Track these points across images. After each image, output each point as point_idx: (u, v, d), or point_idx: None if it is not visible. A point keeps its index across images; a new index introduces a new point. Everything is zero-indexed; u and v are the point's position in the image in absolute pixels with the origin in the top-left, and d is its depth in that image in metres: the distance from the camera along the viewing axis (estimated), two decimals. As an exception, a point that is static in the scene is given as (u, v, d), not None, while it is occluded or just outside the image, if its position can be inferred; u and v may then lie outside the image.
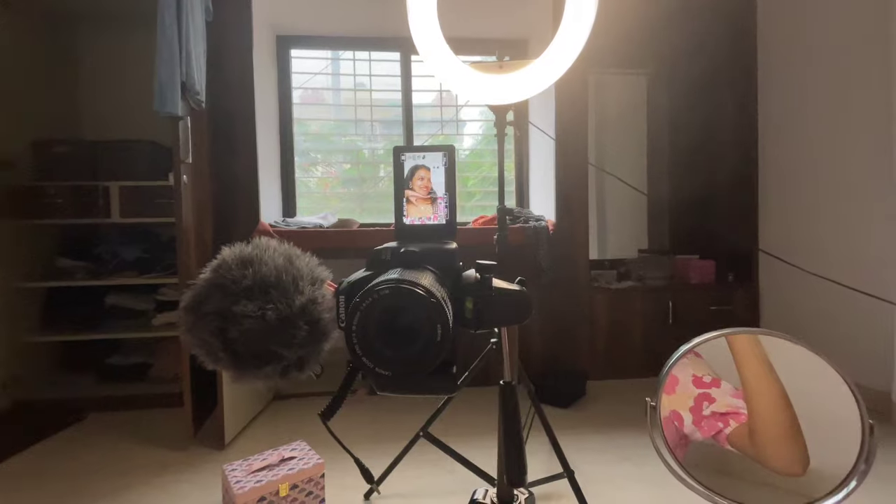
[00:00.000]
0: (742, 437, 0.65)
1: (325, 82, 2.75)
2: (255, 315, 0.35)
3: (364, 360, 0.30)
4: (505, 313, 0.38)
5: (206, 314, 0.36)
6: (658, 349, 2.38)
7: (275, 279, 0.37)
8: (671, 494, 1.37)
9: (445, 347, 0.30)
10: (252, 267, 0.37)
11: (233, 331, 0.35)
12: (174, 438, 1.77)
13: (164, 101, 1.58)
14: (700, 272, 2.48)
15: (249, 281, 0.36)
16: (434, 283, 0.35)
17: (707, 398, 0.67)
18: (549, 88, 2.52)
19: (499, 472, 0.47)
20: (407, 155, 0.41)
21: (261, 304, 0.35)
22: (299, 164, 2.69)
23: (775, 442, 0.63)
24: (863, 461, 0.50)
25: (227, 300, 0.36)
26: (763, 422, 0.64)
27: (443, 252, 0.39)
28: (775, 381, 0.63)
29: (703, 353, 0.70)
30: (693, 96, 2.71)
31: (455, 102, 2.79)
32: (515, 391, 0.40)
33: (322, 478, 1.31)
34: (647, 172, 2.82)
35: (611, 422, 1.90)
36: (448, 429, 1.73)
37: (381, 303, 0.30)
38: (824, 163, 2.13)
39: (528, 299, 0.38)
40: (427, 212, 0.41)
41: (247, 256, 0.38)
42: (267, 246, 0.40)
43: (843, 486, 0.52)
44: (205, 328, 0.36)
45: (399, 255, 0.37)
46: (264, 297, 0.36)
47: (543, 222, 2.34)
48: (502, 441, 0.40)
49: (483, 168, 2.85)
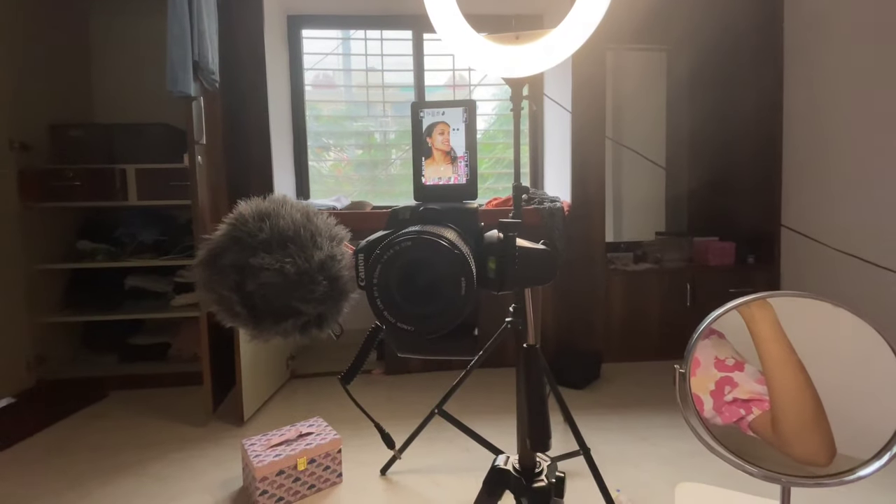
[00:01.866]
0: (765, 426, 0.62)
1: (336, 64, 2.72)
2: (273, 268, 0.34)
3: (386, 314, 0.29)
4: (529, 273, 0.36)
5: (223, 268, 0.35)
6: (675, 332, 2.35)
7: (293, 233, 0.36)
8: (688, 472, 1.37)
9: (469, 303, 0.28)
10: (269, 220, 0.36)
11: (250, 284, 0.34)
12: (194, 415, 1.81)
13: (176, 81, 1.58)
14: (720, 254, 2.42)
15: (266, 234, 0.36)
16: (457, 238, 0.34)
17: (729, 382, 0.65)
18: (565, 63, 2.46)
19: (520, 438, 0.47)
20: (425, 111, 0.39)
21: (279, 258, 0.34)
22: (311, 149, 2.68)
23: (798, 431, 0.61)
24: None
25: (244, 253, 0.35)
26: (785, 411, 0.61)
27: (464, 210, 0.37)
28: (798, 368, 0.60)
29: (727, 333, 0.68)
30: (715, 72, 2.61)
31: (468, 82, 2.74)
32: (539, 354, 0.38)
33: (339, 453, 1.33)
34: (665, 149, 2.74)
35: (626, 403, 1.89)
36: (463, 408, 1.73)
37: (404, 255, 0.28)
38: (851, 140, 2.04)
39: (552, 259, 0.36)
40: (447, 171, 0.39)
41: (264, 210, 0.37)
42: (284, 201, 0.39)
43: (883, 453, 0.50)
44: (222, 282, 0.35)
45: (419, 213, 0.36)
46: (283, 251, 0.35)
47: (559, 203, 2.29)
48: (525, 406, 0.39)
49: (497, 150, 2.81)
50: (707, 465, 1.38)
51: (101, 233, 2.33)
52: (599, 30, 1.03)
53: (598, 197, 2.33)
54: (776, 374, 0.63)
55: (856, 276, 1.95)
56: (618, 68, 2.68)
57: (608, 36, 2.30)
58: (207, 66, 1.64)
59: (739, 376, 0.65)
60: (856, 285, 1.97)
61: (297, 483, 1.24)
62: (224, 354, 1.79)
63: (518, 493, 0.46)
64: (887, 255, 1.85)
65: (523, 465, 0.45)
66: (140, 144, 2.21)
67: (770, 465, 0.58)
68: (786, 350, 0.62)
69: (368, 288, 0.28)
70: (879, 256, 1.87)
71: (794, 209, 2.34)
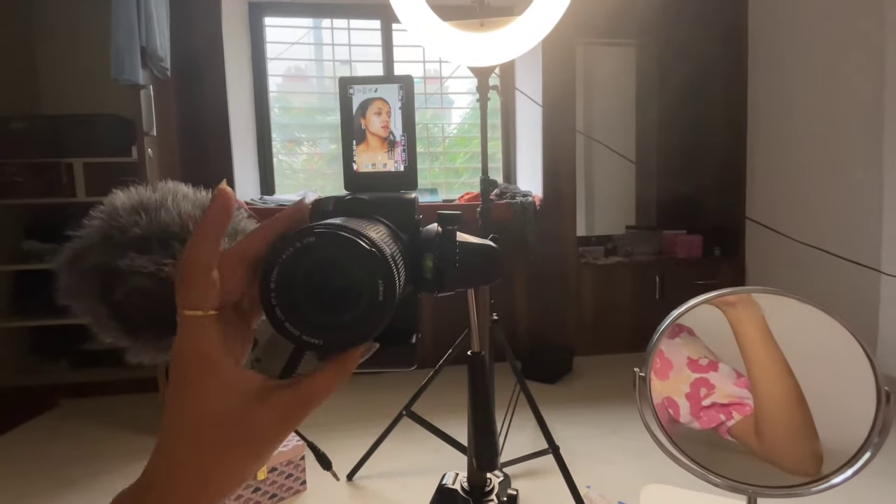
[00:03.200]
0: (747, 433, 0.59)
1: (304, 54, 2.62)
2: (146, 271, 0.28)
3: (288, 326, 0.23)
4: (471, 273, 0.32)
5: (86, 271, 0.29)
6: (645, 324, 2.35)
7: (179, 229, 0.29)
8: (658, 466, 1.37)
9: (388, 310, 0.24)
10: (147, 214, 0.30)
11: (119, 291, 0.28)
12: (150, 424, 1.72)
13: (121, 68, 1.47)
14: (687, 247, 2.46)
15: (142, 230, 0.29)
16: (385, 236, 0.29)
17: (705, 384, 0.62)
18: (536, 57, 2.43)
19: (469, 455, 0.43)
20: (356, 88, 0.35)
21: (157, 259, 0.28)
22: (282, 144, 2.58)
23: (786, 441, 0.57)
24: (876, 433, 0.47)
25: (110, 254, 0.29)
26: (772, 418, 0.57)
27: (398, 201, 0.33)
28: (787, 372, 0.56)
29: (698, 330, 0.65)
30: (683, 67, 2.64)
31: (440, 75, 2.69)
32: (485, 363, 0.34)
33: (302, 460, 1.27)
34: (635, 144, 2.77)
35: (597, 396, 1.89)
36: (434, 408, 1.70)
37: (307, 254, 0.23)
38: (813, 134, 2.09)
39: (497, 256, 0.32)
40: (382, 157, 0.35)
41: (144, 201, 0.31)
42: (175, 191, 0.32)
43: (855, 461, 0.48)
44: (85, 289, 0.29)
45: (344, 204, 0.31)
46: (164, 251, 0.29)
47: (531, 198, 2.28)
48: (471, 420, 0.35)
49: (472, 144, 2.77)
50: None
51: (50, 232, 2.18)
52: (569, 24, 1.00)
53: (569, 191, 2.33)
54: (763, 379, 0.59)
55: (819, 268, 2.00)
56: (588, 63, 2.68)
57: (577, 30, 2.29)
58: (156, 53, 1.54)
59: (715, 377, 0.62)
60: (819, 277, 2.02)
61: (258, 493, 1.18)
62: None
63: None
64: (849, 246, 1.91)
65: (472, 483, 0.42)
66: (88, 137, 2.07)
67: (736, 474, 0.55)
68: (774, 353, 0.58)
69: (264, 294, 0.23)
70: (839, 246, 1.92)
71: (759, 202, 2.39)
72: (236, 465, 0.23)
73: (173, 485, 0.23)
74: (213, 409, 0.22)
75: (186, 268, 0.23)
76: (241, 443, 0.23)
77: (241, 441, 0.23)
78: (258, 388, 0.23)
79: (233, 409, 0.23)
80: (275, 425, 0.23)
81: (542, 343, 2.28)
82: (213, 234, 0.24)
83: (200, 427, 0.22)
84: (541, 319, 2.32)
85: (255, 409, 0.23)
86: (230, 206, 0.24)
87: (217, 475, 0.23)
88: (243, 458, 0.23)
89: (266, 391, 0.23)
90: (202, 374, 0.23)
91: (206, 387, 0.23)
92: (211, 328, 0.23)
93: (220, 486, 0.23)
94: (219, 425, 0.22)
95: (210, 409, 0.22)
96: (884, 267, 1.76)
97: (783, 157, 2.25)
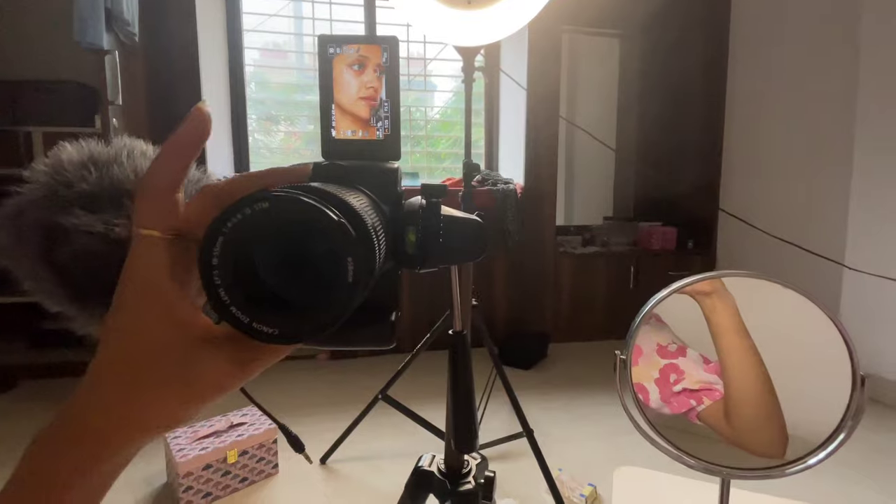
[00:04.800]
0: (717, 417, 0.60)
1: (283, 27, 2.52)
2: (94, 230, 0.24)
3: (234, 311, 0.19)
4: (455, 248, 0.31)
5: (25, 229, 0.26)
6: (619, 313, 2.42)
7: (133, 186, 0.26)
8: (627, 450, 1.41)
9: (359, 293, 0.20)
10: (98, 169, 0.26)
11: (62, 252, 0.25)
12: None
13: (84, 31, 1.38)
14: (662, 239, 2.51)
15: (90, 185, 0.26)
16: (367, 205, 0.26)
17: (674, 370, 0.63)
18: (522, 41, 2.40)
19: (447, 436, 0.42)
20: (336, 49, 0.32)
21: (107, 219, 0.25)
22: (259, 122, 2.49)
23: (754, 425, 0.59)
24: (851, 416, 0.48)
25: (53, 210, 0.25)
26: (742, 405, 0.59)
27: (380, 170, 0.30)
28: (758, 361, 0.59)
29: (666, 318, 0.66)
30: (664, 63, 2.66)
31: (424, 55, 2.63)
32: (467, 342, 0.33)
33: (275, 443, 1.25)
34: (616, 136, 2.79)
35: (572, 382, 1.93)
36: (412, 392, 1.70)
37: (259, 222, 0.19)
38: (787, 132, 2.15)
39: (483, 232, 0.31)
40: (363, 124, 0.32)
41: (94, 155, 0.28)
42: (131, 146, 0.29)
43: (830, 443, 0.50)
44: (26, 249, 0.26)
45: (320, 170, 0.29)
46: (115, 209, 0.26)
47: (512, 185, 2.28)
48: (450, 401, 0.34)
49: (455, 129, 2.74)
50: (646, 444, 1.42)
51: (5, 204, 2.06)
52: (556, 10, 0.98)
53: (550, 181, 2.34)
54: (735, 367, 0.60)
55: (786, 262, 2.08)
56: (573, 52, 2.67)
57: (564, 18, 2.27)
58: (122, 16, 1.45)
59: (684, 362, 0.63)
60: (786, 270, 2.10)
61: (227, 477, 1.16)
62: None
63: (441, 497, 0.41)
64: (815, 241, 1.98)
65: (449, 465, 0.41)
66: (49, 104, 1.95)
67: (710, 457, 0.57)
68: (746, 341, 0.60)
69: (204, 270, 0.19)
70: (806, 240, 2.00)
71: (733, 197, 2.45)
72: (165, 408, 0.20)
73: (88, 420, 0.20)
74: (150, 340, 0.20)
75: (147, 182, 0.21)
76: (176, 384, 0.20)
77: (175, 382, 0.20)
78: (205, 329, 0.21)
79: (173, 345, 0.20)
80: (218, 374, 0.21)
81: (519, 329, 2.30)
82: (181, 154, 0.21)
83: (133, 358, 0.20)
84: (518, 306, 2.33)
85: (198, 351, 0.20)
86: (206, 127, 0.22)
87: (141, 414, 0.20)
88: (175, 400, 0.20)
89: (213, 335, 0.21)
90: (145, 298, 0.20)
91: (148, 314, 0.20)
92: (164, 252, 0.21)
93: (144, 427, 0.20)
94: (154, 360, 0.20)
95: (148, 339, 0.20)
96: (847, 261, 1.84)
97: (758, 153, 2.31)
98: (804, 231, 2.03)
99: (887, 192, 1.72)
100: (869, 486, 1.28)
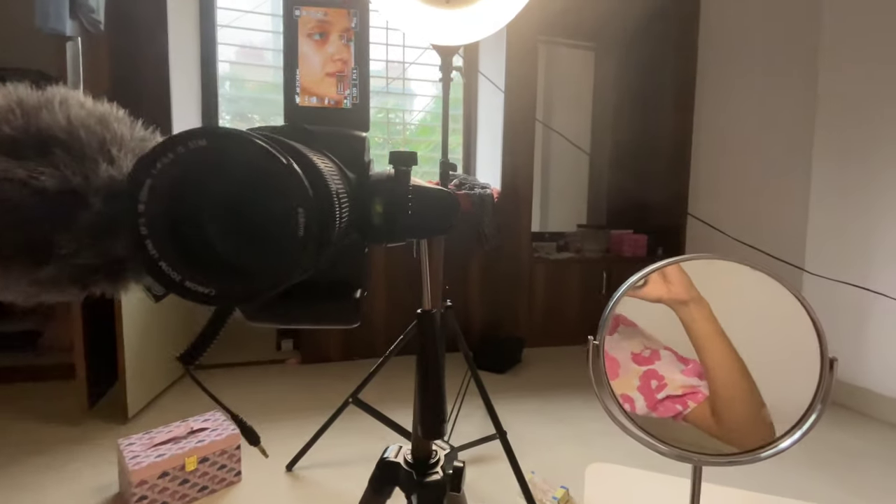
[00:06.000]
0: (703, 417, 0.61)
1: (260, 25, 2.47)
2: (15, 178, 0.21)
3: (163, 266, 0.17)
4: (424, 220, 0.29)
5: None
6: (592, 318, 2.44)
7: (66, 135, 0.24)
8: (601, 452, 1.41)
9: (309, 251, 0.17)
10: (26, 114, 0.24)
11: None
12: (67, 413, 1.56)
13: (46, 16, 1.31)
14: (633, 245, 2.57)
15: (13, 129, 0.23)
16: (332, 169, 0.25)
17: (654, 375, 0.63)
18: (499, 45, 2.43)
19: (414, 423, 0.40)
20: (303, 10, 0.31)
21: (31, 167, 0.22)
22: (232, 122, 2.43)
23: (744, 422, 0.60)
24: (820, 398, 0.49)
25: None
26: (731, 405, 0.61)
27: (348, 137, 0.29)
28: (737, 357, 0.60)
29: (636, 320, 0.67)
30: (638, 75, 2.74)
31: (402, 59, 2.63)
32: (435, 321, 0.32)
33: (238, 449, 1.20)
34: (590, 145, 2.86)
35: (544, 386, 1.93)
36: (383, 396, 1.66)
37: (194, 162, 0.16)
38: (751, 142, 2.24)
39: (454, 202, 0.30)
40: (330, 91, 0.31)
41: (22, 99, 0.25)
42: (66, 95, 0.26)
43: (800, 426, 0.50)
44: None
45: (283, 131, 0.27)
46: (41, 157, 0.23)
47: (489, 190, 2.29)
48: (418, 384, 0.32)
49: (435, 134, 2.74)
50: (617, 445, 1.43)
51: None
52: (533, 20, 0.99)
53: (526, 187, 2.37)
54: (719, 368, 0.61)
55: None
56: (549, 61, 2.73)
57: (541, 28, 2.32)
58: (87, 3, 1.39)
59: (661, 366, 0.64)
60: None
61: (186, 485, 1.10)
62: (107, 341, 1.55)
63: (408, 489, 0.39)
64: (778, 246, 2.06)
65: (416, 455, 0.39)
66: (3, 93, 1.84)
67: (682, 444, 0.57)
68: (726, 343, 0.61)
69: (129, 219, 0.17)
70: (772, 247, 2.08)
71: (701, 205, 2.53)
72: None
73: None
74: None
75: None
76: None
77: None
78: None
79: None
80: None
81: (494, 334, 2.29)
82: None
83: None
84: (494, 311, 2.33)
85: None
86: None
87: None
88: None
89: None
90: None
91: None
92: None
93: None
94: None
95: None
96: (807, 266, 1.92)
97: (724, 162, 2.40)
98: (767, 236, 2.12)
99: (843, 199, 1.81)
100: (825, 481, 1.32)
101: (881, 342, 1.69)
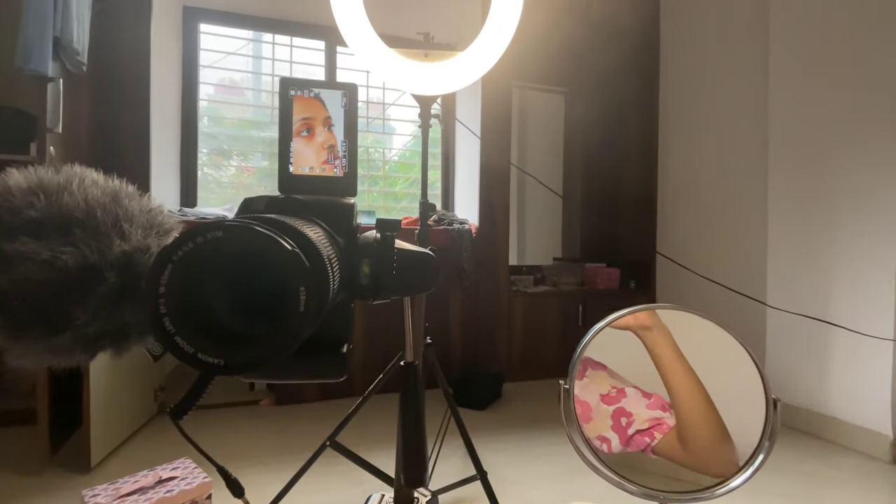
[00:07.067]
0: (671, 446, 0.64)
1: (242, 66, 2.53)
2: (39, 259, 0.23)
3: (178, 341, 0.19)
4: (408, 279, 0.32)
5: None
6: (569, 351, 2.46)
7: (84, 215, 0.26)
8: (581, 491, 1.41)
9: (309, 323, 0.20)
10: (47, 196, 0.26)
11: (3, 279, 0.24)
12: (26, 461, 1.47)
13: (28, 57, 1.33)
14: (606, 279, 2.65)
15: (38, 213, 0.25)
16: (323, 237, 0.28)
17: (623, 413, 0.66)
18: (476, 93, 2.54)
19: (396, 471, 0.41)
20: (297, 91, 0.34)
21: (53, 246, 0.24)
22: (209, 156, 2.45)
23: (711, 446, 0.62)
24: (767, 437, 0.52)
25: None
26: (697, 430, 0.63)
27: (335, 205, 0.32)
28: (699, 384, 0.63)
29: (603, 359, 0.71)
30: (605, 117, 2.91)
31: (383, 101, 2.72)
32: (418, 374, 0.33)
33: (208, 499, 1.15)
34: (563, 184, 2.98)
35: (524, 422, 1.93)
36: (361, 438, 1.63)
37: (210, 251, 0.19)
38: (712, 181, 2.38)
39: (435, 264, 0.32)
40: (321, 161, 0.34)
41: (44, 183, 0.27)
42: (82, 175, 0.29)
43: (750, 464, 0.53)
44: None
45: (277, 204, 0.30)
46: (63, 237, 0.25)
47: (467, 226, 2.34)
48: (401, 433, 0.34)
49: (413, 170, 2.81)
50: (596, 482, 1.42)
51: None
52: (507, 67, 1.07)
53: (503, 222, 2.43)
54: (682, 392, 0.64)
55: (717, 301, 2.24)
56: (522, 105, 2.87)
57: (515, 74, 2.46)
58: (71, 45, 1.42)
59: (628, 403, 0.67)
60: (717, 309, 2.26)
61: (153, 538, 1.04)
62: (72, 385, 1.49)
63: (391, 537, 0.40)
64: (741, 282, 2.16)
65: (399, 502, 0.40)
66: (-23, 130, 1.82)
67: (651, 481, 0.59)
68: (687, 367, 0.64)
69: (149, 299, 0.19)
70: (735, 283, 2.17)
71: (668, 240, 2.65)
72: None
73: None
74: None
75: None
76: None
77: None
78: None
79: None
80: None
81: (474, 369, 2.29)
82: None
83: None
84: (473, 346, 2.34)
85: None
86: None
87: None
88: None
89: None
90: None
91: None
92: None
93: None
94: None
95: None
96: (769, 300, 2.01)
97: (688, 201, 2.53)
98: (732, 272, 2.22)
99: (799, 238, 1.93)
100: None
101: (843, 372, 1.77)
